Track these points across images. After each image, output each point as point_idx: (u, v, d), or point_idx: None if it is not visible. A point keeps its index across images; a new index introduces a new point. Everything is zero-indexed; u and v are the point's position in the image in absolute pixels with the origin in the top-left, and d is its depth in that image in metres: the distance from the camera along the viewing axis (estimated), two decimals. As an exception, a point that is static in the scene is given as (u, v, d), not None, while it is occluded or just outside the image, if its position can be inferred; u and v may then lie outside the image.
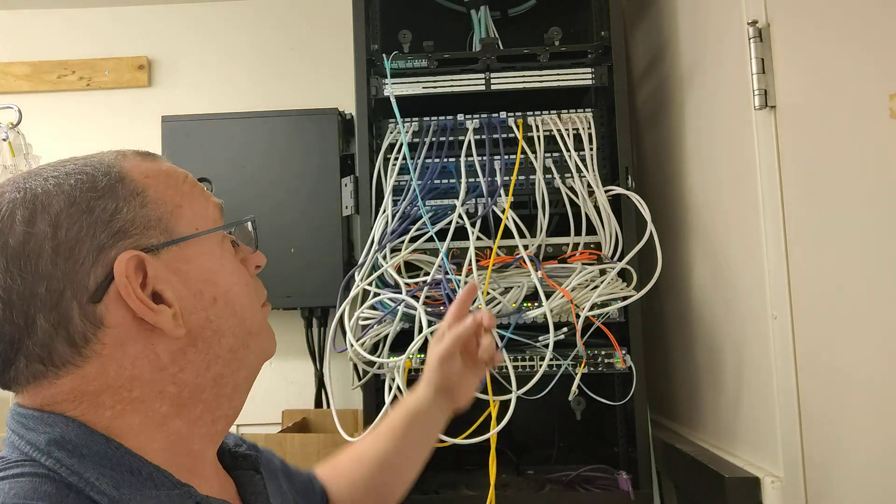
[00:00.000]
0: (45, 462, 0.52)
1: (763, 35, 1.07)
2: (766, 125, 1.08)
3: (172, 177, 0.62)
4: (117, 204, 0.56)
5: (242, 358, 0.63)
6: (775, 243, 1.06)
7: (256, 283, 0.67)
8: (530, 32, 1.57)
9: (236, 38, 2.17)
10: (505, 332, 1.24)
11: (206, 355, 0.60)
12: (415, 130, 1.45)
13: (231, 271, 0.63)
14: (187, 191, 0.62)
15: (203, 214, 0.62)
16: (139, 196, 0.58)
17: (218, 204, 0.66)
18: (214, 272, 0.61)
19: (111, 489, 0.52)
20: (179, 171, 0.64)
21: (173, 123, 1.88)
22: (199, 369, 0.59)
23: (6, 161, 1.75)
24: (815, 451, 1.00)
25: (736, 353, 1.24)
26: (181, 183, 0.62)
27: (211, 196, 0.66)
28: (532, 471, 1.49)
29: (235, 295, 0.62)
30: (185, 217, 0.60)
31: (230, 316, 0.61)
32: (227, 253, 0.63)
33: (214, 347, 0.60)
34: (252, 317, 0.63)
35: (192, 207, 0.62)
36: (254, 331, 0.64)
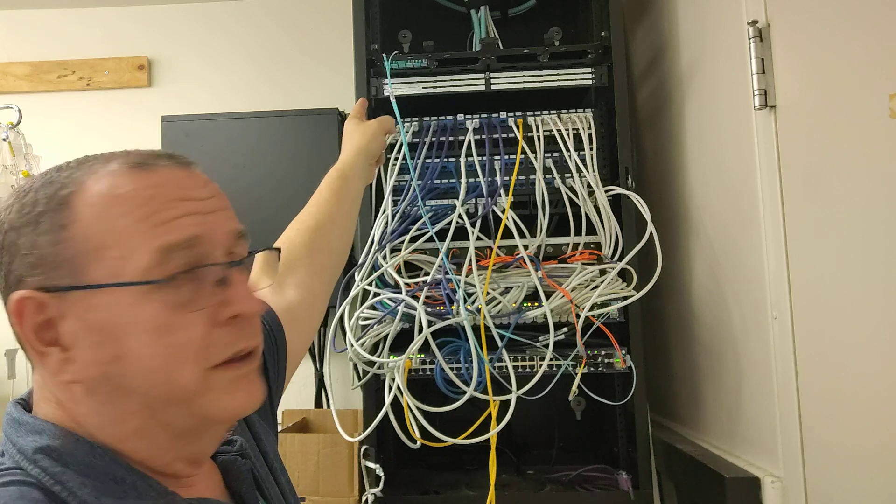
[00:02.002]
0: (31, 471, 0.52)
1: (763, 35, 1.07)
2: (766, 125, 1.08)
3: (120, 208, 0.54)
4: (35, 239, 0.54)
5: (173, 420, 0.56)
6: (775, 243, 1.06)
7: (223, 335, 0.56)
8: (530, 32, 1.57)
9: (236, 38, 2.17)
10: (505, 332, 1.24)
11: (111, 408, 0.56)
12: (415, 130, 1.45)
13: (151, 330, 0.53)
14: (129, 229, 0.54)
15: (133, 261, 0.53)
16: (61, 230, 0.54)
17: (162, 247, 0.54)
18: (122, 328, 0.53)
19: (92, 498, 0.52)
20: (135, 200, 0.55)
21: (173, 123, 1.88)
22: (110, 419, 0.56)
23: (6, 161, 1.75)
24: (815, 451, 1.00)
25: (736, 353, 1.24)
26: (121, 217, 0.54)
27: (162, 236, 0.54)
28: (532, 471, 1.49)
29: (147, 358, 0.54)
30: (106, 260, 0.53)
31: (139, 377, 0.54)
32: (156, 307, 0.53)
33: (119, 405, 0.55)
34: (180, 381, 0.55)
35: (123, 250, 0.53)
36: (186, 396, 0.55)
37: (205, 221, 0.57)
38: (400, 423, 1.23)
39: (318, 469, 1.61)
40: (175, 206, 0.56)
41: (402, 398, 1.24)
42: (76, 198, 0.55)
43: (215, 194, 0.61)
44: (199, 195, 0.58)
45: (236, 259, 0.59)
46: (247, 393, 0.59)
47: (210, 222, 0.58)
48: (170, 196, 0.56)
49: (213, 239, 0.57)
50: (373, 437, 1.29)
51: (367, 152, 1.17)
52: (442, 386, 1.23)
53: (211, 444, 0.62)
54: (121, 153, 0.60)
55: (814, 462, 1.00)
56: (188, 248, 0.55)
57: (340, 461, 1.60)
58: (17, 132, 1.79)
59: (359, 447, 1.34)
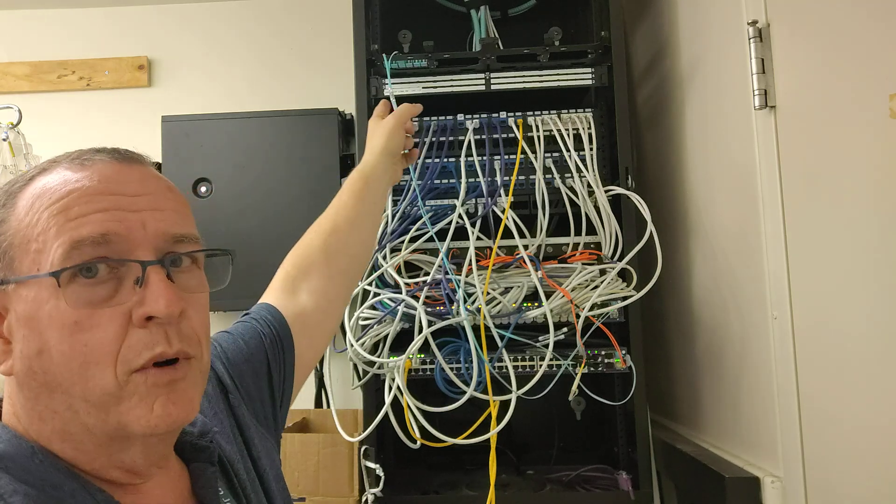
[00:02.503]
0: None
1: (763, 35, 1.07)
2: (766, 125, 1.08)
3: (34, 202, 0.54)
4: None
5: (94, 425, 0.54)
6: (775, 243, 1.06)
7: (141, 337, 0.53)
8: (530, 32, 1.57)
9: (237, 38, 2.17)
10: (505, 332, 1.24)
11: (37, 404, 0.55)
12: (415, 130, 1.45)
13: (65, 326, 0.52)
14: (43, 224, 0.53)
15: (48, 254, 0.52)
16: (1, 224, 0.55)
17: (69, 241, 0.52)
18: (42, 322, 0.52)
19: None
20: (56, 190, 0.54)
21: (173, 123, 1.88)
22: (36, 415, 0.55)
23: (6, 161, 1.75)
24: (815, 451, 1.00)
25: (736, 353, 1.24)
26: (39, 210, 0.54)
27: (73, 230, 0.52)
28: (532, 471, 1.49)
29: (63, 355, 0.52)
30: (30, 254, 0.53)
31: (58, 374, 0.52)
32: (69, 302, 0.52)
33: (43, 401, 0.54)
34: (95, 381, 0.52)
35: (40, 243, 0.53)
36: (103, 401, 0.53)
37: (123, 219, 0.54)
38: (400, 423, 1.23)
39: (318, 469, 1.61)
40: (92, 200, 0.54)
41: (402, 398, 1.24)
42: (20, 193, 0.56)
43: (149, 192, 0.57)
44: (124, 191, 0.55)
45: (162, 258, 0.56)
46: (166, 405, 0.54)
47: (130, 220, 0.54)
48: (90, 191, 0.54)
49: (131, 237, 0.54)
50: (373, 437, 1.29)
51: (387, 151, 1.15)
52: (442, 386, 1.23)
53: (144, 457, 0.57)
54: (79, 151, 0.59)
55: (814, 462, 1.00)
56: (98, 244, 0.53)
57: (340, 461, 1.60)
58: (17, 132, 1.79)
59: (359, 447, 1.34)
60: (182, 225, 0.59)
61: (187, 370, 0.57)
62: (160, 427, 0.54)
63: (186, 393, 0.56)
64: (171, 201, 0.59)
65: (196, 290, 0.59)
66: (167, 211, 0.58)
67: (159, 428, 0.54)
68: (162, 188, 0.59)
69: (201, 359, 0.59)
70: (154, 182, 0.59)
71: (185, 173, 1.84)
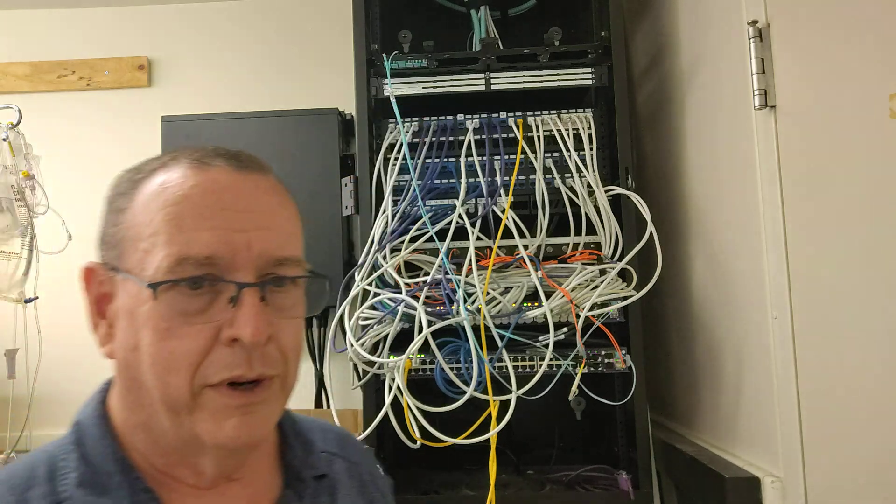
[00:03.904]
0: (62, 441, 0.58)
1: (763, 35, 1.07)
2: (766, 125, 1.08)
3: (152, 199, 0.55)
4: (107, 217, 0.59)
5: (169, 428, 0.55)
6: (775, 243, 1.06)
7: (223, 356, 0.54)
8: (530, 32, 1.57)
9: (236, 38, 2.16)
10: (505, 332, 1.24)
11: (128, 394, 0.58)
12: (415, 130, 1.45)
13: (157, 330, 0.53)
14: (156, 225, 0.54)
15: (154, 258, 0.53)
16: (120, 214, 0.57)
17: (177, 256, 0.53)
18: (140, 320, 0.54)
19: (71, 486, 0.54)
20: (172, 192, 0.55)
21: (173, 123, 1.88)
22: (125, 403, 0.59)
23: (6, 161, 1.74)
24: (815, 451, 1.00)
25: (736, 353, 1.24)
26: (155, 210, 0.55)
27: (182, 244, 0.53)
28: (532, 471, 1.49)
29: (151, 357, 0.53)
30: (138, 252, 0.54)
31: (146, 373, 0.54)
32: (164, 309, 0.53)
33: (134, 393, 0.57)
34: (172, 388, 0.53)
35: (149, 245, 0.54)
36: (176, 408, 0.54)
37: (230, 240, 0.54)
38: (400, 423, 1.23)
39: (318, 469, 1.60)
40: (203, 215, 0.54)
41: (402, 398, 1.24)
42: (141, 185, 0.57)
43: (259, 209, 0.57)
44: (235, 206, 0.55)
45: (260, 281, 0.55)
46: (238, 427, 0.54)
47: (238, 242, 0.54)
48: (204, 203, 0.55)
49: (235, 259, 0.54)
50: (373, 437, 1.29)
51: None
52: (442, 386, 1.23)
53: (215, 466, 0.58)
54: (199, 147, 0.59)
55: (814, 462, 1.00)
56: (202, 265, 0.53)
57: (340, 461, 1.60)
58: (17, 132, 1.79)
59: (359, 447, 1.34)
60: (286, 248, 0.58)
61: (266, 394, 0.56)
62: (228, 445, 0.55)
63: (262, 415, 0.56)
64: (281, 219, 0.59)
65: (290, 311, 0.58)
66: (274, 231, 0.57)
67: (227, 446, 0.55)
68: (273, 204, 0.59)
69: (285, 378, 0.59)
70: (267, 197, 0.59)
71: (185, 173, 1.84)
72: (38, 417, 1.93)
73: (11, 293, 1.75)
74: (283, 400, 0.60)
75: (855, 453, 0.92)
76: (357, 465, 0.73)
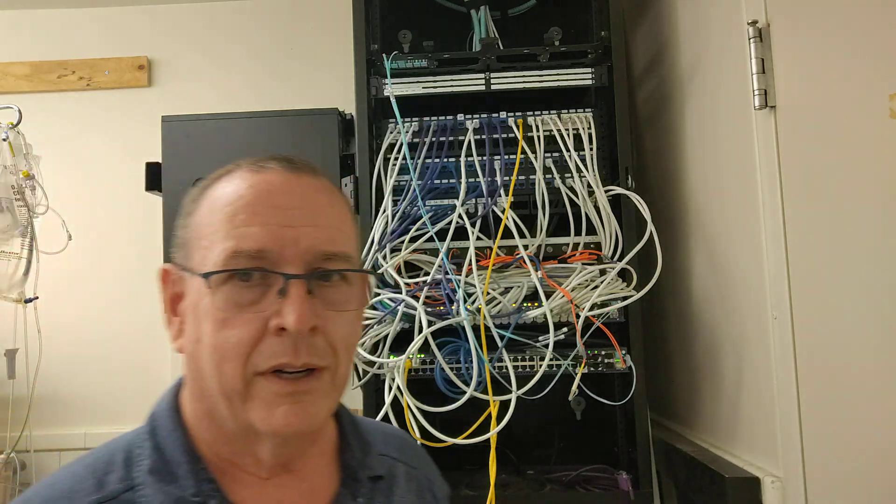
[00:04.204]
0: (143, 429, 0.62)
1: (763, 35, 1.07)
2: (766, 125, 1.08)
3: (214, 202, 0.60)
4: (179, 221, 0.64)
5: (228, 416, 0.59)
6: (775, 243, 1.06)
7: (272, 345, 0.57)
8: (530, 32, 1.57)
9: (237, 38, 2.17)
10: (505, 332, 1.24)
11: (193, 384, 0.62)
12: (415, 130, 1.45)
13: (214, 321, 0.57)
14: (215, 225, 0.59)
15: (213, 254, 0.58)
16: (188, 217, 0.62)
17: (230, 250, 0.57)
18: (199, 312, 0.58)
19: (143, 473, 0.58)
20: (229, 194, 0.59)
21: (173, 123, 1.88)
22: (191, 394, 0.63)
23: (6, 161, 1.74)
24: (815, 451, 1.00)
25: (736, 353, 1.24)
26: (215, 211, 0.59)
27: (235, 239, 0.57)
28: (532, 471, 1.49)
29: (210, 347, 0.57)
30: (200, 250, 0.59)
31: (206, 363, 0.58)
32: (220, 301, 0.57)
33: (198, 383, 0.60)
34: (226, 377, 0.57)
35: (209, 242, 0.58)
36: (231, 396, 0.57)
37: (279, 235, 0.58)
38: (400, 423, 1.23)
39: (318, 469, 1.60)
40: (256, 212, 0.58)
41: (402, 398, 1.24)
42: (207, 191, 0.62)
43: (309, 207, 0.60)
44: (286, 204, 0.59)
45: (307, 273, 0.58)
46: (287, 415, 0.57)
47: (285, 236, 0.58)
48: (255, 201, 0.58)
49: (284, 252, 0.57)
50: (373, 437, 1.29)
51: None
52: (442, 386, 1.23)
53: (271, 454, 0.61)
54: (263, 157, 0.63)
55: (814, 462, 1.00)
56: (253, 257, 0.57)
57: (340, 461, 1.60)
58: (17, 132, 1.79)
59: (359, 447, 1.34)
60: (334, 243, 0.61)
61: (314, 384, 0.58)
62: (279, 432, 0.58)
63: (310, 405, 0.58)
64: (329, 217, 0.61)
65: (340, 305, 0.60)
66: (322, 227, 0.60)
67: (279, 433, 0.58)
68: (323, 203, 0.62)
69: (335, 371, 0.60)
70: (317, 196, 0.62)
71: (185, 173, 1.84)
72: (38, 417, 1.93)
73: (11, 293, 1.75)
74: (334, 394, 0.62)
75: (855, 453, 0.92)
76: (416, 470, 0.75)
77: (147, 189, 1.85)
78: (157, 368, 2.01)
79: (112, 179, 2.09)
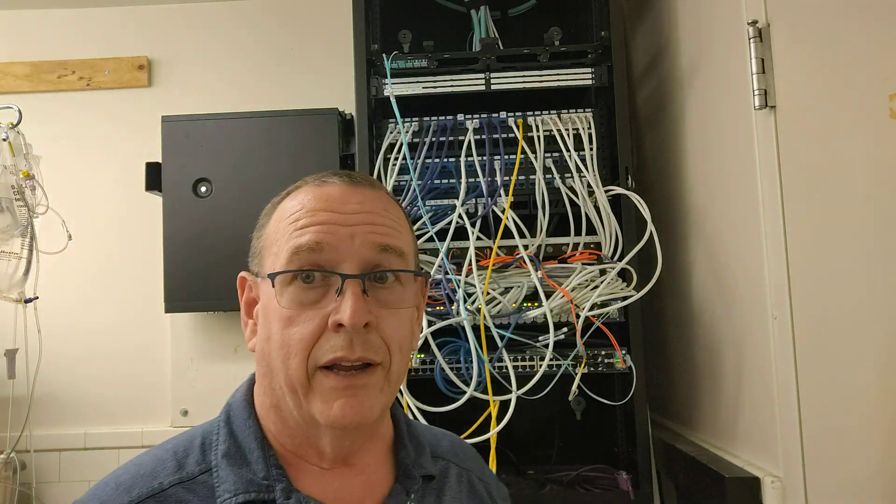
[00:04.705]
0: (219, 417, 0.68)
1: (763, 35, 1.07)
2: (766, 125, 1.08)
3: (282, 214, 0.66)
4: (254, 233, 0.70)
5: (293, 409, 0.63)
6: (775, 243, 1.06)
7: (330, 340, 0.61)
8: (530, 32, 1.57)
9: (236, 38, 2.16)
10: (505, 332, 1.24)
11: (263, 379, 0.67)
12: (415, 130, 1.45)
13: (281, 319, 0.62)
14: (281, 231, 0.65)
15: (280, 258, 0.63)
16: (261, 229, 0.69)
17: (292, 248, 0.62)
18: (269, 312, 0.64)
19: (219, 456, 0.63)
20: (294, 206, 0.65)
21: (173, 123, 1.88)
22: (261, 389, 0.68)
23: (6, 161, 1.74)
24: (815, 451, 1.00)
25: (736, 353, 1.24)
26: (282, 221, 0.65)
27: (296, 238, 0.63)
28: (532, 471, 1.49)
29: (278, 344, 0.62)
30: (270, 256, 0.65)
31: (275, 359, 0.63)
32: (286, 300, 0.62)
33: (267, 378, 0.66)
34: (291, 371, 0.62)
35: (277, 248, 0.64)
36: (296, 388, 0.62)
37: (335, 231, 0.63)
38: (400, 423, 1.23)
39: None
40: (315, 214, 0.64)
41: (402, 398, 1.24)
42: (279, 205, 0.68)
43: (365, 210, 0.65)
44: (343, 209, 0.64)
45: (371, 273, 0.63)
46: (343, 407, 0.61)
47: (341, 232, 0.63)
48: (316, 207, 0.64)
49: (340, 247, 0.62)
50: (373, 437, 1.29)
51: None
52: (442, 386, 1.23)
53: (332, 447, 0.65)
54: (319, 174, 0.69)
55: (814, 462, 1.00)
56: (312, 251, 0.62)
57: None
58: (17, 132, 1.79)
59: (359, 447, 1.34)
60: (389, 237, 0.65)
61: (368, 378, 0.62)
62: (336, 424, 0.62)
63: (365, 399, 0.62)
64: (385, 217, 0.66)
65: (393, 304, 0.65)
66: (377, 225, 0.65)
67: (336, 425, 0.62)
68: (379, 208, 0.67)
69: (388, 367, 0.64)
70: (374, 202, 0.67)
71: (185, 173, 1.84)
72: (38, 417, 1.93)
73: (11, 293, 1.75)
74: (388, 390, 0.65)
75: (855, 453, 0.92)
76: (468, 472, 0.78)
77: (147, 189, 1.86)
78: (156, 368, 2.01)
79: (112, 179, 2.09)
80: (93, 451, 1.97)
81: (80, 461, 1.96)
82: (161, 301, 1.81)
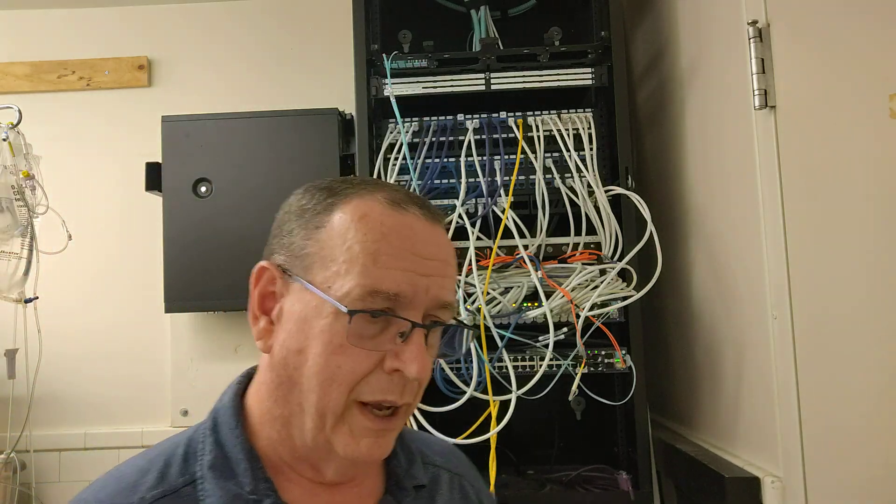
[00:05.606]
0: (205, 424, 0.65)
1: (763, 35, 1.07)
2: (766, 125, 1.08)
3: (348, 227, 0.61)
4: (295, 228, 0.64)
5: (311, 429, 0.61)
6: (775, 243, 1.06)
7: (380, 381, 0.60)
8: (530, 32, 1.57)
9: (236, 39, 2.16)
10: (505, 332, 1.24)
11: (278, 389, 0.63)
12: (415, 130, 1.45)
13: (330, 344, 0.59)
14: (351, 251, 0.60)
15: (345, 282, 0.59)
16: (314, 230, 0.63)
17: (370, 288, 0.59)
18: (314, 330, 0.60)
19: (205, 468, 0.61)
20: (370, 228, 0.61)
21: (173, 123, 1.88)
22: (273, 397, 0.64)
23: (6, 161, 1.74)
24: (815, 451, 1.00)
25: (736, 353, 1.24)
26: (350, 238, 0.61)
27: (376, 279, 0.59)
28: (532, 471, 1.49)
29: (317, 365, 0.59)
30: (329, 270, 0.60)
31: (306, 376, 0.60)
32: (342, 328, 0.59)
33: (284, 388, 0.62)
34: (329, 397, 0.60)
35: (342, 268, 0.60)
36: (326, 415, 0.60)
37: (415, 282, 0.61)
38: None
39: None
40: (399, 256, 0.61)
41: (402, 398, 1.23)
42: (338, 209, 0.63)
43: (440, 258, 0.64)
44: (423, 253, 0.62)
45: (429, 322, 0.63)
46: (371, 447, 0.61)
47: (420, 285, 0.61)
48: (400, 245, 0.61)
49: (415, 299, 0.61)
50: (373, 437, 1.29)
51: None
52: (442, 386, 1.23)
53: (336, 472, 0.65)
54: (390, 186, 0.66)
55: (814, 462, 1.00)
56: (389, 299, 0.60)
57: (340, 461, 1.60)
58: (17, 132, 1.79)
59: (359, 447, 1.34)
60: (451, 293, 0.65)
61: (398, 423, 0.63)
62: (359, 461, 0.62)
63: (389, 440, 0.64)
64: (451, 268, 0.66)
65: (434, 350, 0.65)
66: (446, 279, 0.65)
67: (358, 461, 0.62)
68: (449, 256, 0.66)
69: (411, 406, 0.65)
70: (446, 248, 0.66)
71: (185, 173, 1.84)
72: (38, 417, 1.93)
73: (11, 293, 1.75)
74: (403, 426, 0.66)
75: (855, 453, 0.92)
76: (459, 478, 0.78)
77: (147, 189, 1.85)
78: (156, 368, 2.01)
79: (112, 179, 2.09)
80: (93, 451, 1.97)
81: (80, 461, 1.97)
82: (161, 301, 1.81)
